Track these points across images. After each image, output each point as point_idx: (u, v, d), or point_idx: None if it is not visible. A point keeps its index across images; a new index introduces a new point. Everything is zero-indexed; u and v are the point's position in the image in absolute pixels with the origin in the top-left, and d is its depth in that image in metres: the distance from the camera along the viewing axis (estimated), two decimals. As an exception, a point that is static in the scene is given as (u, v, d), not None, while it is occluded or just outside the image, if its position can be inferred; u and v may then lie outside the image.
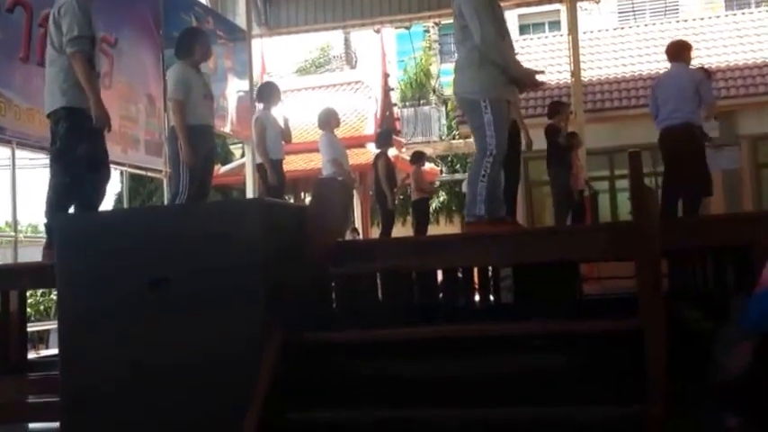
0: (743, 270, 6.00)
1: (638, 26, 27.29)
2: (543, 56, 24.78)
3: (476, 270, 9.16)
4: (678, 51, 10.69)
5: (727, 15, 26.82)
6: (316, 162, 14.41)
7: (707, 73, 11.43)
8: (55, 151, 7.24)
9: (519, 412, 4.33)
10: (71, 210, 7.18)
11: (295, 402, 4.46)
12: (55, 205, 7.05)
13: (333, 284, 5.69)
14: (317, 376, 4.82)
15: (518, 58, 7.98)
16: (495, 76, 7.03)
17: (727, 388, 4.93)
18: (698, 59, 23.41)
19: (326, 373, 4.92)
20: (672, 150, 10.20)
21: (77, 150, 7.14)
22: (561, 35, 21.11)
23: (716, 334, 5.15)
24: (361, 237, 20.86)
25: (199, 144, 8.58)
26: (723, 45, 24.07)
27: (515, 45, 11.31)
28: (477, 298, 9.58)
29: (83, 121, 7.21)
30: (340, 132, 13.88)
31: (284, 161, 11.74)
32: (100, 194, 7.52)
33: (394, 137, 21.98)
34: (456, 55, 7.62)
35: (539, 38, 26.86)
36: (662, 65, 22.92)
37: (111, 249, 4.80)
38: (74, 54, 7.12)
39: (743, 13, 26.74)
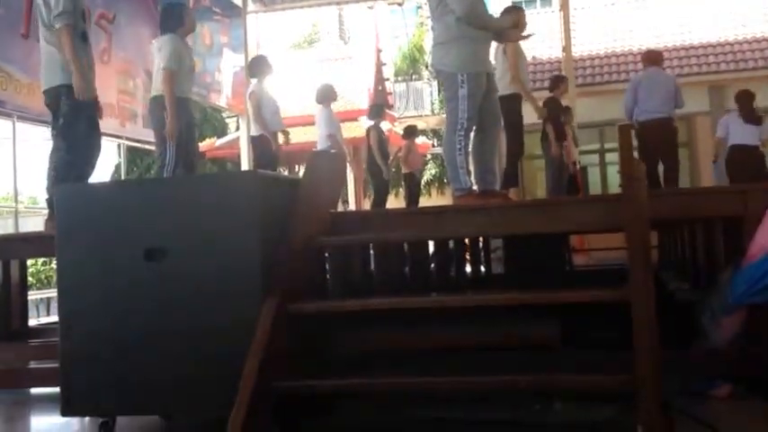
0: (732, 242, 6.08)
1: (629, 1, 27.32)
2: (535, 31, 24.75)
3: (467, 242, 9.25)
4: (656, 58, 12.93)
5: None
6: (309, 135, 14.48)
7: (752, 97, 13.97)
8: (58, 128, 7.30)
9: (509, 380, 4.40)
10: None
11: (288, 371, 4.53)
12: (57, 180, 7.11)
13: (326, 255, 5.74)
14: (309, 345, 4.90)
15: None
16: (474, 51, 7.06)
17: (715, 357, 5.04)
18: (688, 35, 23.56)
19: (319, 342, 5.01)
20: (658, 137, 11.91)
21: (79, 127, 7.21)
22: (553, 11, 21.14)
23: (704, 305, 5.25)
24: (352, 208, 20.96)
25: (181, 115, 8.68)
26: (714, 20, 24.12)
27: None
28: (468, 269, 9.68)
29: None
30: (334, 106, 13.96)
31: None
32: (92, 167, 7.59)
33: (386, 111, 22.06)
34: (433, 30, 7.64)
35: (530, 13, 26.75)
36: (652, 40, 23.16)
37: (110, 220, 4.85)
38: (60, 29, 7.17)
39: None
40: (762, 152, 13.77)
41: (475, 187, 7.18)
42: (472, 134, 7.14)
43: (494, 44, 8.56)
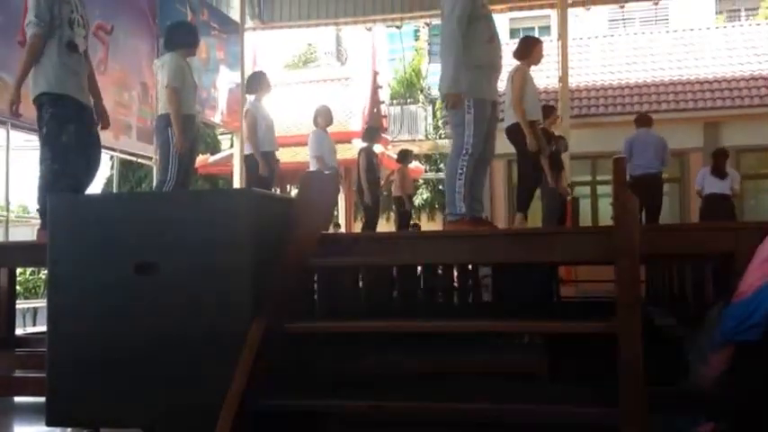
0: (721, 279, 6.09)
1: (627, 34, 27.38)
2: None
3: (455, 268, 9.24)
4: (647, 121, 14.83)
5: (717, 28, 26.92)
6: (301, 156, 14.51)
7: (726, 156, 16.19)
8: (42, 137, 7.31)
9: (493, 409, 4.40)
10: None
11: (274, 390, 4.53)
12: (45, 190, 7.11)
13: (315, 276, 5.74)
14: (296, 364, 4.91)
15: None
16: (481, 77, 7.10)
17: (700, 394, 5.03)
18: (686, 70, 23.60)
19: (306, 361, 5.01)
20: (649, 190, 13.66)
21: (62, 137, 7.19)
22: (551, 40, 21.17)
23: (691, 341, 5.25)
24: (343, 231, 20.94)
25: (187, 132, 8.72)
26: (712, 57, 24.14)
27: (506, 48, 11.41)
28: (456, 296, 9.66)
29: (67, 107, 7.27)
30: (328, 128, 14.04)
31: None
32: (89, 177, 7.58)
33: (380, 134, 22.04)
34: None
35: (528, 41, 26.66)
36: (649, 74, 23.23)
37: (102, 232, 4.87)
38: (29, 36, 7.24)
39: (732, 26, 26.87)
40: (732, 201, 15.96)
41: (485, 214, 7.22)
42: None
43: (505, 72, 8.55)
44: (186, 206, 5.01)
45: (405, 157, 17.96)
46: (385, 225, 24.70)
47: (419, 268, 8.27)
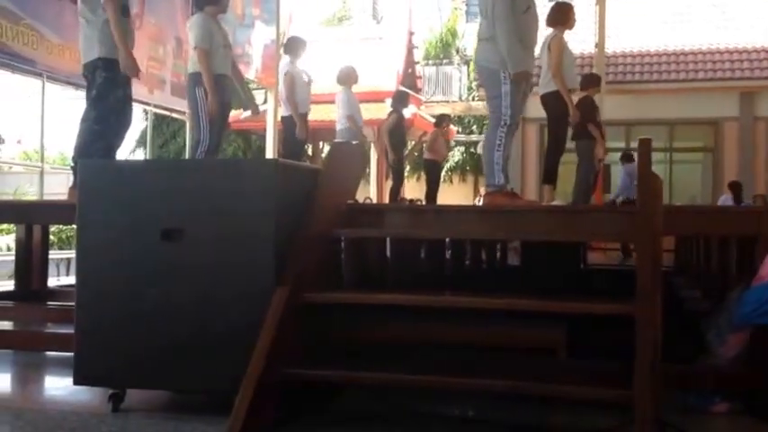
0: (745, 259, 6.12)
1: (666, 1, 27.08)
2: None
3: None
4: (632, 157, 17.18)
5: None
6: (334, 114, 14.49)
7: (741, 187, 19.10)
8: (91, 98, 7.42)
9: (509, 384, 4.45)
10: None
11: (296, 358, 4.60)
12: (83, 150, 7.23)
13: (341, 245, 5.79)
14: (319, 335, 4.98)
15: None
16: (518, 49, 7.10)
17: (717, 374, 5.08)
18: (724, 37, 23.36)
19: (328, 332, 5.08)
20: None
21: (110, 99, 7.32)
22: (589, 4, 20.98)
23: (711, 320, 5.29)
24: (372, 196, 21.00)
25: (217, 93, 8.74)
26: (750, 25, 23.89)
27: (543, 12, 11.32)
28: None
29: (119, 71, 7.37)
30: (361, 87, 14.08)
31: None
32: (121, 138, 7.69)
33: (413, 94, 21.96)
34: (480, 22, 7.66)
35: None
36: (688, 40, 23.00)
37: (131, 198, 4.92)
38: (107, 3, 7.27)
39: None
40: None
41: (510, 186, 7.26)
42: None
43: (540, 40, 8.55)
44: (214, 175, 5.06)
45: (441, 122, 17.94)
46: (416, 185, 24.73)
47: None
